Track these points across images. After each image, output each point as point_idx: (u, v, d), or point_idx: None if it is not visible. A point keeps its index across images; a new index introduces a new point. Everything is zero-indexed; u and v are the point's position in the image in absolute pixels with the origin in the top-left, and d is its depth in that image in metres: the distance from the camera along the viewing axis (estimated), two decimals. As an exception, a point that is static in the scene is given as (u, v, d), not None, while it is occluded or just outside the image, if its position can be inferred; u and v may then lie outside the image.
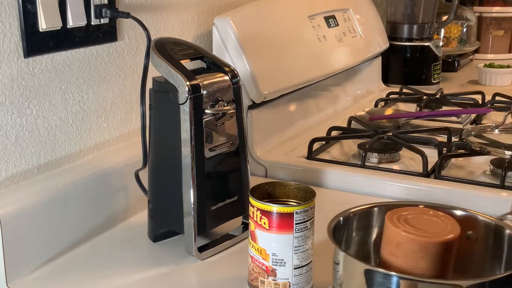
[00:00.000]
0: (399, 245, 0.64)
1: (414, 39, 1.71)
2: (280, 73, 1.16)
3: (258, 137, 1.13)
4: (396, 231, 0.64)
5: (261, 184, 0.73)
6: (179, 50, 0.81)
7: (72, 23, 0.84)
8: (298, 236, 0.69)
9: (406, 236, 0.63)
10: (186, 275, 0.78)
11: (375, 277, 0.59)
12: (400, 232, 0.64)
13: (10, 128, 0.79)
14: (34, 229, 0.77)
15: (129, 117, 0.98)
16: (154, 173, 0.83)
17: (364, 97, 1.56)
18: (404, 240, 0.63)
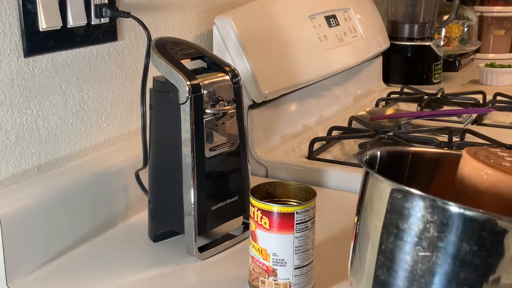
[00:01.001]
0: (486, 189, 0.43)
1: (415, 38, 1.70)
2: (281, 72, 1.16)
3: (258, 137, 1.13)
4: (484, 169, 0.44)
5: (261, 184, 0.73)
6: (179, 49, 0.81)
7: (72, 23, 0.84)
8: (298, 236, 0.68)
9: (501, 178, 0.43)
10: (186, 275, 0.78)
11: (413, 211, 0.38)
12: (495, 171, 0.44)
13: (10, 128, 0.79)
14: (34, 229, 0.77)
15: (129, 117, 0.98)
16: (154, 173, 0.83)
17: (365, 97, 1.56)
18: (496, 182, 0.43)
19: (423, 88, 1.60)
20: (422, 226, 0.36)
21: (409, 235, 0.36)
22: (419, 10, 1.71)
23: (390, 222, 0.38)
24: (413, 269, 0.36)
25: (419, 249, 0.36)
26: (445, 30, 1.94)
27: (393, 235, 0.38)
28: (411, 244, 0.36)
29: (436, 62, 1.70)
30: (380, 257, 0.39)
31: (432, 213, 0.35)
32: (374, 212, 0.43)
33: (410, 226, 0.37)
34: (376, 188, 0.43)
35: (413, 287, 0.35)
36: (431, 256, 0.35)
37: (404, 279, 0.36)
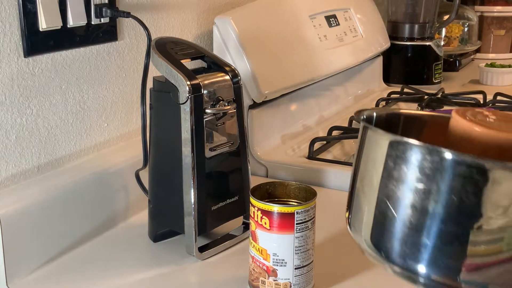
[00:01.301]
0: (472, 145, 0.46)
1: (415, 38, 1.70)
2: (281, 72, 1.16)
3: (258, 137, 1.13)
4: (471, 126, 0.48)
5: (261, 184, 0.73)
6: (179, 49, 0.81)
7: (72, 23, 0.83)
8: (299, 236, 0.68)
9: (483, 133, 0.46)
10: (186, 275, 0.78)
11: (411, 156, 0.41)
12: (479, 128, 0.47)
13: (10, 127, 0.79)
14: (34, 229, 0.77)
15: (129, 117, 0.98)
16: (154, 173, 0.83)
17: (365, 97, 1.56)
18: (481, 138, 0.46)
19: (423, 88, 1.60)
20: (418, 172, 0.40)
21: (406, 181, 0.40)
22: (420, 10, 1.71)
23: (389, 171, 0.42)
24: (410, 211, 0.40)
25: (415, 192, 0.40)
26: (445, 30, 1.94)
27: (392, 182, 0.42)
28: (408, 188, 0.40)
29: (437, 62, 1.70)
30: (379, 204, 0.42)
31: (427, 160, 0.39)
32: (372, 163, 0.45)
33: (407, 173, 0.40)
34: (375, 141, 0.46)
35: (409, 225, 0.39)
36: (426, 198, 0.39)
37: (401, 220, 0.40)
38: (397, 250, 0.41)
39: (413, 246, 0.39)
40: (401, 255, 0.40)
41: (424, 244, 0.39)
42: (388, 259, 0.42)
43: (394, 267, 0.42)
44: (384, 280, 0.76)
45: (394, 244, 0.41)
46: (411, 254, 0.40)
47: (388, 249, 0.41)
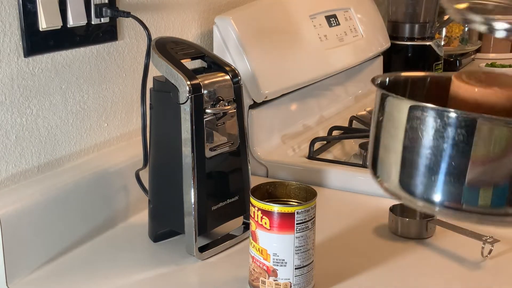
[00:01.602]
0: (476, 106, 0.56)
1: (415, 38, 1.70)
2: (281, 72, 1.16)
3: (259, 137, 1.13)
4: (470, 88, 0.57)
5: (262, 184, 0.73)
6: (179, 49, 0.81)
7: (72, 23, 0.83)
8: (299, 236, 0.68)
9: (484, 92, 0.56)
10: (186, 275, 0.77)
11: (426, 116, 0.53)
12: (474, 88, 0.56)
13: (10, 127, 0.78)
14: (34, 229, 0.77)
15: (129, 117, 0.98)
16: (154, 173, 0.83)
17: (366, 97, 1.55)
18: (482, 97, 0.56)
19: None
20: (434, 129, 0.53)
21: (426, 136, 0.53)
22: (420, 10, 1.70)
23: (410, 130, 0.54)
24: (428, 158, 0.54)
25: (434, 145, 0.53)
26: (445, 30, 1.93)
27: (414, 138, 0.54)
28: (428, 142, 0.53)
29: (437, 62, 1.70)
30: (404, 155, 0.56)
31: (441, 119, 0.52)
32: (394, 123, 0.57)
33: (425, 130, 0.53)
34: (396, 106, 0.57)
35: (427, 168, 0.54)
36: (439, 146, 0.53)
37: (424, 167, 0.54)
38: (419, 188, 0.55)
39: (430, 183, 0.54)
40: (423, 191, 0.54)
41: (437, 181, 0.53)
42: (413, 196, 0.55)
43: (418, 201, 0.55)
44: (384, 280, 0.75)
45: (417, 184, 0.55)
46: (430, 189, 0.54)
47: (413, 189, 0.55)
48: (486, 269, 0.77)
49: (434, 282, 0.75)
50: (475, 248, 0.80)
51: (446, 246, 0.83)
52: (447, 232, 0.85)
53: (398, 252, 0.82)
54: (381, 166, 0.60)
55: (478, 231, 0.82)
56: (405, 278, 0.76)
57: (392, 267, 0.78)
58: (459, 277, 0.76)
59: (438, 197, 0.54)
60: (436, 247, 0.83)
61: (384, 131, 0.58)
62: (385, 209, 0.88)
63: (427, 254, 0.81)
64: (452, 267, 0.78)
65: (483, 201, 0.53)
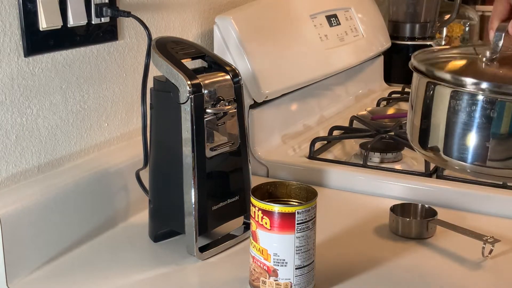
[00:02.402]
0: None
1: (416, 38, 1.70)
2: (282, 72, 1.16)
3: (259, 137, 1.13)
4: None
5: (262, 184, 0.73)
6: (180, 49, 0.81)
7: (72, 22, 0.83)
8: (299, 236, 0.68)
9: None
10: (187, 275, 0.77)
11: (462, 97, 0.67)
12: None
13: (11, 127, 0.78)
14: (34, 229, 0.77)
15: (130, 117, 0.98)
16: (155, 173, 0.83)
17: (366, 97, 1.55)
18: None
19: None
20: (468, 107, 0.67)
21: (463, 113, 0.67)
22: (421, 10, 1.70)
23: (452, 108, 0.68)
24: (466, 130, 0.67)
25: (468, 118, 0.67)
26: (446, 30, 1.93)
27: (453, 115, 0.68)
28: (465, 116, 0.67)
29: (438, 62, 1.69)
30: (447, 130, 0.69)
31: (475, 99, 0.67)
32: (439, 103, 0.70)
33: (462, 108, 0.67)
34: (440, 91, 0.69)
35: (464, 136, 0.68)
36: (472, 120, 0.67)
37: (462, 136, 0.68)
38: (458, 153, 0.69)
39: (466, 147, 0.68)
40: (461, 155, 0.68)
41: (472, 145, 0.67)
42: (453, 158, 0.69)
43: (455, 162, 0.69)
44: (384, 280, 0.75)
45: (457, 149, 0.69)
46: (465, 152, 0.68)
47: (454, 154, 0.69)
48: (486, 269, 0.77)
49: (434, 282, 0.75)
50: (476, 248, 0.80)
51: (447, 246, 0.83)
52: (447, 232, 0.84)
53: (398, 252, 0.81)
54: (431, 137, 0.72)
55: (479, 231, 0.82)
56: (406, 278, 0.76)
57: (393, 267, 0.78)
58: (460, 277, 0.76)
59: (470, 159, 0.68)
60: (436, 247, 0.83)
61: (430, 107, 0.70)
62: (386, 209, 0.88)
63: (427, 254, 0.81)
64: (453, 267, 0.78)
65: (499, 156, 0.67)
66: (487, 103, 0.65)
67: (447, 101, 0.68)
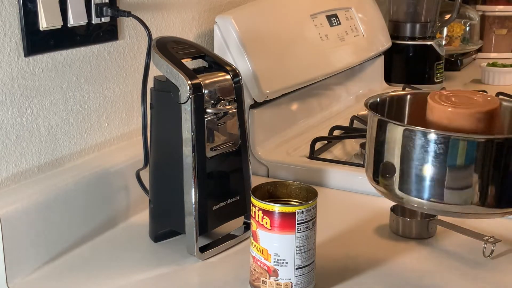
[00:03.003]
0: (447, 121, 0.71)
1: (416, 38, 1.70)
2: (282, 72, 1.15)
3: (260, 137, 1.13)
4: (443, 108, 0.72)
5: (262, 183, 0.73)
6: (180, 49, 0.81)
7: (72, 22, 0.83)
8: (300, 236, 0.68)
9: (454, 111, 0.71)
10: (187, 275, 0.77)
11: (415, 136, 0.69)
12: (447, 108, 0.71)
13: (11, 127, 0.78)
14: (34, 229, 0.77)
15: (130, 117, 0.98)
16: (155, 173, 0.83)
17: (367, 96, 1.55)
18: (451, 115, 0.71)
19: (425, 88, 1.59)
20: (421, 145, 0.69)
21: (416, 151, 0.70)
22: (421, 9, 1.70)
23: (404, 147, 0.71)
24: (419, 167, 0.70)
25: (420, 157, 0.69)
26: (447, 29, 1.93)
27: (406, 152, 0.70)
28: (418, 154, 0.70)
29: (438, 62, 1.69)
30: (402, 168, 0.71)
31: (425, 138, 0.69)
32: (390, 142, 0.72)
33: (415, 147, 0.70)
34: (392, 129, 0.72)
35: (418, 175, 0.70)
36: (429, 159, 0.69)
37: (415, 175, 0.70)
38: (413, 190, 0.71)
39: (420, 185, 0.71)
40: (417, 192, 0.71)
41: (425, 183, 0.70)
42: (409, 195, 0.71)
43: (412, 199, 0.71)
44: (385, 280, 0.75)
45: (412, 187, 0.71)
46: (419, 189, 0.71)
47: (409, 191, 0.71)
48: (487, 269, 0.77)
49: (435, 282, 0.75)
50: (476, 248, 0.80)
51: (447, 246, 0.83)
52: (448, 232, 0.84)
53: (399, 252, 0.81)
54: (381, 173, 0.75)
55: (479, 231, 0.82)
56: (407, 278, 0.76)
57: (393, 267, 0.78)
58: (461, 277, 0.76)
59: (426, 195, 0.70)
60: (437, 247, 0.83)
61: (384, 147, 0.73)
62: (386, 209, 0.88)
63: (428, 254, 0.81)
64: (454, 267, 0.78)
65: (458, 199, 0.70)
66: (440, 141, 0.68)
67: (400, 140, 0.70)
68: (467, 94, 0.76)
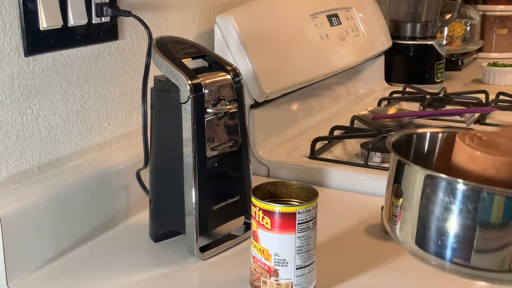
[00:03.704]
0: (472, 165, 0.61)
1: (417, 37, 1.70)
2: (283, 72, 1.15)
3: (260, 137, 1.13)
4: (470, 151, 0.61)
5: (263, 183, 0.73)
6: (180, 48, 0.81)
7: (73, 22, 0.83)
8: (300, 236, 0.68)
9: (481, 156, 0.60)
10: (187, 275, 0.77)
11: (437, 183, 0.57)
12: (475, 152, 0.61)
13: (11, 127, 0.78)
14: (34, 229, 0.77)
15: (130, 116, 0.98)
16: (155, 173, 0.82)
17: (367, 96, 1.55)
18: (478, 159, 0.61)
19: (425, 88, 1.59)
20: (444, 194, 0.57)
21: (437, 202, 0.58)
22: (422, 9, 1.70)
23: (425, 196, 0.59)
24: (440, 222, 0.58)
25: (442, 209, 0.57)
26: (447, 29, 1.93)
27: (427, 203, 0.58)
28: (439, 206, 0.58)
29: (439, 61, 1.69)
30: (420, 218, 0.59)
31: (449, 187, 0.57)
32: (411, 188, 0.61)
33: (437, 197, 0.58)
34: (414, 174, 0.61)
35: (439, 229, 0.58)
36: (450, 213, 0.57)
37: (435, 228, 0.58)
38: (433, 246, 0.59)
39: (442, 242, 0.58)
40: (436, 249, 0.59)
41: (448, 241, 0.58)
42: (428, 252, 0.59)
43: (432, 258, 0.59)
44: (385, 280, 0.75)
45: (431, 242, 0.59)
46: (441, 247, 0.58)
47: (428, 247, 0.59)
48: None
49: (436, 282, 0.75)
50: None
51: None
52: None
53: (400, 252, 0.81)
54: (401, 225, 0.63)
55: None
56: (408, 278, 0.76)
57: (395, 267, 0.78)
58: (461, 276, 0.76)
59: (448, 254, 0.58)
60: (438, 247, 0.83)
61: (403, 191, 0.62)
62: (387, 209, 0.88)
63: (429, 254, 0.81)
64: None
65: (488, 264, 0.57)
66: (470, 193, 0.56)
67: (420, 185, 0.59)
68: (504, 138, 0.64)
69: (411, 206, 0.60)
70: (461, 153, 0.63)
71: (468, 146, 0.62)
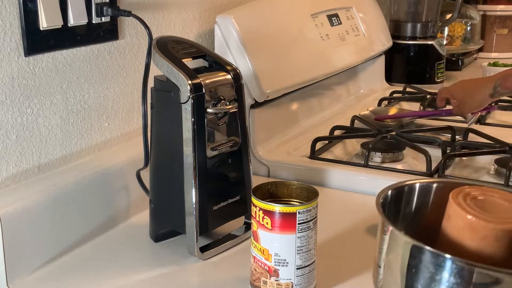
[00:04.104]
0: (464, 229, 0.57)
1: (417, 37, 1.70)
2: (283, 71, 1.15)
3: (260, 136, 1.13)
4: (462, 213, 0.57)
5: (263, 183, 0.73)
6: (181, 48, 0.81)
7: (73, 22, 0.83)
8: (300, 236, 0.68)
9: (480, 224, 0.56)
10: (188, 275, 0.77)
11: (424, 256, 0.54)
12: (467, 215, 0.57)
13: (11, 127, 0.78)
14: (34, 229, 0.77)
15: (130, 116, 0.98)
16: (155, 173, 0.82)
17: (367, 96, 1.55)
18: (477, 227, 0.56)
19: (425, 87, 1.59)
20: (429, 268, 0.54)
21: (422, 276, 0.55)
22: (422, 9, 1.70)
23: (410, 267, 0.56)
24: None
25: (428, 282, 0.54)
26: (448, 29, 1.93)
27: (412, 272, 0.55)
28: (424, 280, 0.55)
29: (439, 61, 1.69)
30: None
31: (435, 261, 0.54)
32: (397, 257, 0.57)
33: (422, 269, 0.55)
34: (398, 242, 0.58)
35: None
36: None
37: None
38: None
39: None
40: None
41: None
42: None
43: None
44: (386, 280, 0.75)
45: None
46: None
47: None
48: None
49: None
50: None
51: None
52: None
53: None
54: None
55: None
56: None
57: (394, 267, 0.78)
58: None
59: None
60: (438, 247, 0.83)
61: (387, 257, 0.59)
62: (387, 209, 0.88)
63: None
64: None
65: None
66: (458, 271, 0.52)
67: (406, 256, 0.55)
68: (499, 199, 0.60)
69: (399, 275, 0.56)
70: (457, 218, 0.59)
71: (463, 211, 0.58)
